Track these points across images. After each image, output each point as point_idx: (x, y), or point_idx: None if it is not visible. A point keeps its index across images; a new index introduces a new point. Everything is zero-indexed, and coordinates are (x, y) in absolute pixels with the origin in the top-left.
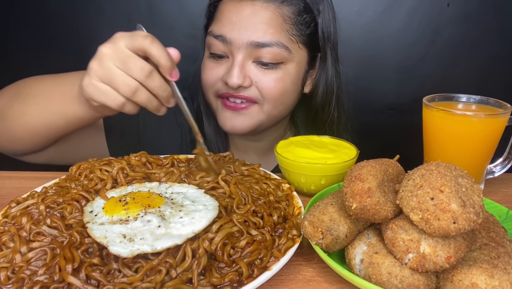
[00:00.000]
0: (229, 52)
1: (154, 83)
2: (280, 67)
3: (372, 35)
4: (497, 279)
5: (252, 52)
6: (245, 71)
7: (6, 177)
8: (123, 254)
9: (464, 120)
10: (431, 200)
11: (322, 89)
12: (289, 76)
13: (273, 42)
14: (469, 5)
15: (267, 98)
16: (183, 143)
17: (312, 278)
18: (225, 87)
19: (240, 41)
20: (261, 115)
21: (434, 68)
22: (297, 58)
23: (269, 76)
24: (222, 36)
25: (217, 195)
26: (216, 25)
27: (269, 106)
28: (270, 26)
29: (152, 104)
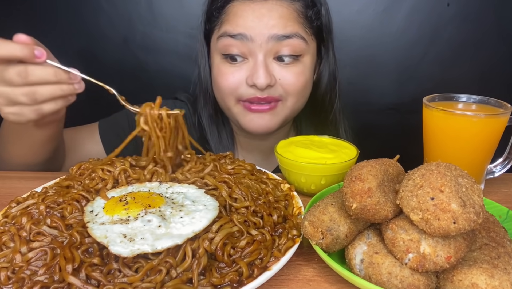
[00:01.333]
0: (249, 52)
1: (38, 76)
2: (299, 61)
3: (372, 35)
4: (497, 279)
5: (272, 48)
6: (269, 70)
7: (6, 177)
8: (123, 254)
9: (464, 120)
10: (431, 200)
11: (327, 77)
12: (307, 69)
13: (293, 34)
14: (469, 5)
15: (291, 93)
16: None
17: (312, 278)
18: (251, 91)
19: (262, 36)
20: (286, 111)
21: (434, 68)
22: (312, 50)
23: (291, 72)
24: (241, 34)
25: (217, 195)
26: (230, 25)
27: (292, 101)
28: (288, 20)
29: (62, 90)
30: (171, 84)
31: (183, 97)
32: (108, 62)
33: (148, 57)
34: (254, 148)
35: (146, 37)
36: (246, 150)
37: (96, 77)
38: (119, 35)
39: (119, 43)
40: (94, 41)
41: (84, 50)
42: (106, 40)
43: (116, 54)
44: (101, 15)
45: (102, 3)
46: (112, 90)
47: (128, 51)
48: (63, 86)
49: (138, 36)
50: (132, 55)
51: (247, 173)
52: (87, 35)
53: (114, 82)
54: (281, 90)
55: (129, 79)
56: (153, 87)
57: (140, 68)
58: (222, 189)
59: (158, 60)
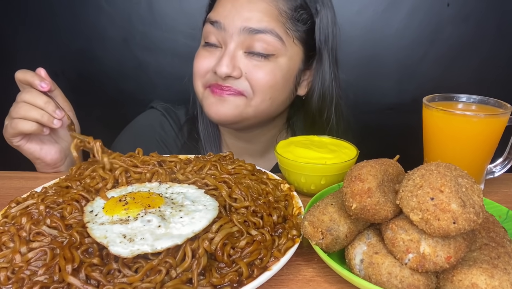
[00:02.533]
0: (222, 41)
1: (32, 97)
2: (271, 60)
3: (372, 35)
4: (497, 279)
5: (244, 40)
6: (235, 61)
7: (6, 177)
8: (123, 254)
9: (464, 120)
10: (431, 200)
11: (318, 93)
12: (280, 70)
13: (268, 29)
14: (469, 5)
15: (256, 91)
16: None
17: (312, 278)
18: (214, 78)
19: (234, 27)
20: (248, 109)
21: (434, 68)
22: (290, 53)
23: (259, 68)
24: (217, 22)
25: (217, 195)
26: (213, 12)
27: (257, 100)
28: (265, 15)
29: (41, 116)
30: (171, 84)
31: (159, 107)
32: (108, 62)
33: (148, 57)
34: (243, 151)
35: (146, 37)
36: (235, 153)
37: (96, 77)
38: (119, 35)
39: (119, 43)
40: (94, 41)
41: (84, 50)
42: (106, 40)
43: (116, 54)
44: (101, 15)
45: (102, 3)
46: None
47: (128, 51)
48: (43, 113)
49: (138, 36)
50: (132, 55)
51: (247, 173)
52: (87, 35)
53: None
54: (246, 86)
55: (129, 79)
56: (153, 87)
57: (140, 68)
58: (222, 189)
59: (158, 60)
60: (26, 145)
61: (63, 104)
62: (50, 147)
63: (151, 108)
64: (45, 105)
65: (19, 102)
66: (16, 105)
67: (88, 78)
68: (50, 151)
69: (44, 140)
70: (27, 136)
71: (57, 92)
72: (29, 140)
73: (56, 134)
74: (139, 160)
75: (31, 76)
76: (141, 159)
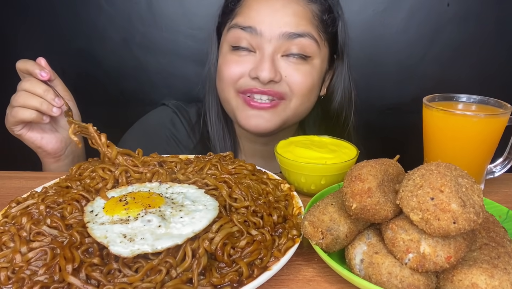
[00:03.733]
0: (257, 46)
1: (31, 86)
2: (308, 62)
3: (372, 35)
4: (497, 279)
5: (282, 45)
6: (275, 65)
7: (6, 177)
8: (123, 254)
9: (464, 120)
10: (431, 200)
11: (341, 93)
12: (316, 72)
13: (305, 33)
14: (469, 5)
15: (296, 93)
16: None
17: (312, 278)
18: (251, 83)
19: (272, 33)
20: (288, 112)
21: (434, 68)
22: (323, 55)
23: (298, 70)
24: (251, 28)
25: (217, 194)
26: (243, 17)
27: (297, 102)
28: (302, 19)
29: (40, 104)
30: (171, 84)
31: (171, 104)
32: (108, 62)
33: (148, 57)
34: (257, 153)
35: (146, 37)
36: (248, 154)
37: (96, 77)
38: (119, 35)
39: (119, 43)
40: (94, 41)
41: (84, 50)
42: (106, 40)
43: (116, 54)
44: (101, 15)
45: (102, 3)
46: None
47: (128, 51)
48: (42, 102)
49: (138, 36)
50: (132, 55)
51: (248, 173)
52: (87, 35)
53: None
54: (286, 88)
55: (129, 79)
56: (153, 87)
57: (140, 68)
58: (222, 188)
59: (158, 60)
60: (27, 134)
61: (63, 93)
62: (51, 136)
63: (163, 105)
64: (44, 94)
65: (19, 91)
66: (16, 94)
67: (88, 78)
68: (51, 140)
69: (45, 129)
70: (28, 125)
71: (57, 81)
72: (30, 129)
73: (57, 123)
74: (139, 160)
75: (31, 65)
76: (142, 159)
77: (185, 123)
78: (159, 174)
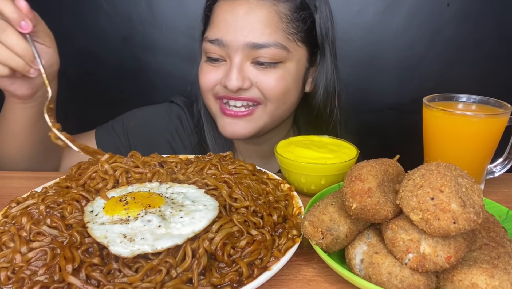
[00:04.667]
0: (226, 55)
1: (9, 40)
2: (280, 66)
3: (372, 35)
4: (497, 279)
5: (249, 53)
6: (244, 73)
7: (6, 177)
8: (123, 254)
9: (464, 120)
10: (431, 200)
11: (323, 86)
12: (289, 75)
13: (271, 43)
14: (469, 5)
15: (270, 98)
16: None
17: (312, 278)
18: (224, 90)
19: (236, 43)
20: (264, 117)
21: (434, 68)
22: (296, 57)
23: (269, 76)
24: (218, 40)
25: (217, 194)
26: (212, 30)
27: (272, 107)
28: (266, 26)
29: (17, 63)
30: (171, 84)
31: (179, 101)
32: (108, 62)
33: (148, 57)
34: (252, 153)
35: (146, 37)
36: (244, 155)
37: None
38: (119, 35)
39: (119, 43)
40: (94, 41)
41: (84, 50)
42: (106, 40)
43: (116, 54)
44: (101, 15)
45: (102, 3)
46: (49, 92)
47: (128, 51)
48: (19, 61)
49: (138, 36)
50: (132, 55)
51: (248, 173)
52: (87, 35)
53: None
54: (258, 94)
55: (129, 79)
56: (153, 87)
57: (140, 68)
58: (222, 188)
59: (158, 60)
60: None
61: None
62: (22, 82)
63: (171, 102)
64: (22, 53)
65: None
66: None
67: (88, 78)
68: (21, 86)
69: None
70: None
71: (39, 27)
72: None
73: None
74: (139, 160)
75: (10, 10)
76: (142, 159)
77: (190, 121)
78: (160, 174)
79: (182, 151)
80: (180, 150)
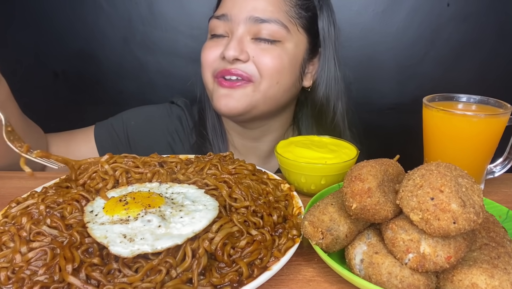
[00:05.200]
0: (229, 30)
1: None
2: (278, 45)
3: (372, 35)
4: (497, 279)
5: (251, 28)
6: (243, 45)
7: (6, 177)
8: (123, 254)
9: (464, 120)
10: (431, 200)
11: (325, 83)
12: (286, 55)
13: (272, 19)
14: (469, 5)
15: (264, 75)
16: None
17: (312, 278)
18: (222, 64)
19: (240, 16)
20: (257, 95)
21: (434, 68)
22: (295, 40)
23: (267, 52)
24: (224, 15)
25: (217, 194)
26: (220, 8)
27: (265, 85)
28: (269, 4)
29: None
30: (171, 84)
31: (179, 102)
32: (108, 62)
33: (148, 57)
34: (250, 151)
35: (146, 37)
36: (241, 153)
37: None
38: (119, 35)
39: (119, 43)
40: (94, 41)
41: (84, 50)
42: (106, 40)
43: (116, 54)
44: (101, 15)
45: (102, 3)
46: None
47: (128, 51)
48: None
49: (138, 36)
50: (132, 55)
51: (248, 173)
52: (87, 35)
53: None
54: (254, 70)
55: (129, 79)
56: (153, 87)
57: (140, 68)
58: (222, 188)
59: (158, 60)
60: None
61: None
62: None
63: (172, 103)
64: None
65: None
66: None
67: (88, 78)
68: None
69: None
70: None
71: None
72: None
73: None
74: (139, 160)
75: None
76: (142, 160)
77: (190, 123)
78: (160, 174)
79: (182, 151)
80: (180, 151)
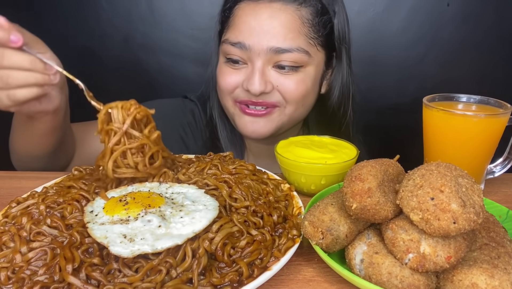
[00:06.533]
0: (248, 59)
1: (12, 61)
2: (301, 70)
3: (372, 36)
4: (497, 279)
5: (271, 58)
6: (266, 76)
7: (6, 177)
8: (123, 254)
9: (464, 120)
10: (431, 200)
11: (338, 89)
12: (309, 78)
13: (294, 48)
14: (469, 6)
15: (290, 101)
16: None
17: (312, 278)
18: (246, 94)
19: (260, 47)
20: (283, 118)
21: (434, 68)
22: (316, 61)
23: (290, 79)
24: (240, 43)
25: (217, 194)
26: (233, 32)
27: (291, 109)
28: (289, 31)
29: (36, 78)
30: (171, 84)
31: (193, 97)
32: (108, 62)
33: (148, 57)
34: (263, 152)
35: (146, 37)
36: (255, 153)
37: (96, 77)
38: (120, 35)
39: (119, 43)
40: (94, 41)
41: (84, 50)
42: (106, 40)
43: (116, 54)
44: (101, 15)
45: (102, 3)
46: (81, 84)
47: (128, 51)
48: (37, 75)
49: (138, 36)
50: (132, 55)
51: (248, 173)
52: (88, 35)
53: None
54: (279, 97)
55: (129, 79)
56: (153, 87)
57: (140, 68)
58: (222, 188)
59: (158, 60)
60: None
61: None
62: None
63: (185, 97)
64: (33, 66)
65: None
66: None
67: (88, 78)
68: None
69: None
70: None
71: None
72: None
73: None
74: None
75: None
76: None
77: (203, 117)
78: (166, 175)
79: (194, 145)
80: (192, 145)
